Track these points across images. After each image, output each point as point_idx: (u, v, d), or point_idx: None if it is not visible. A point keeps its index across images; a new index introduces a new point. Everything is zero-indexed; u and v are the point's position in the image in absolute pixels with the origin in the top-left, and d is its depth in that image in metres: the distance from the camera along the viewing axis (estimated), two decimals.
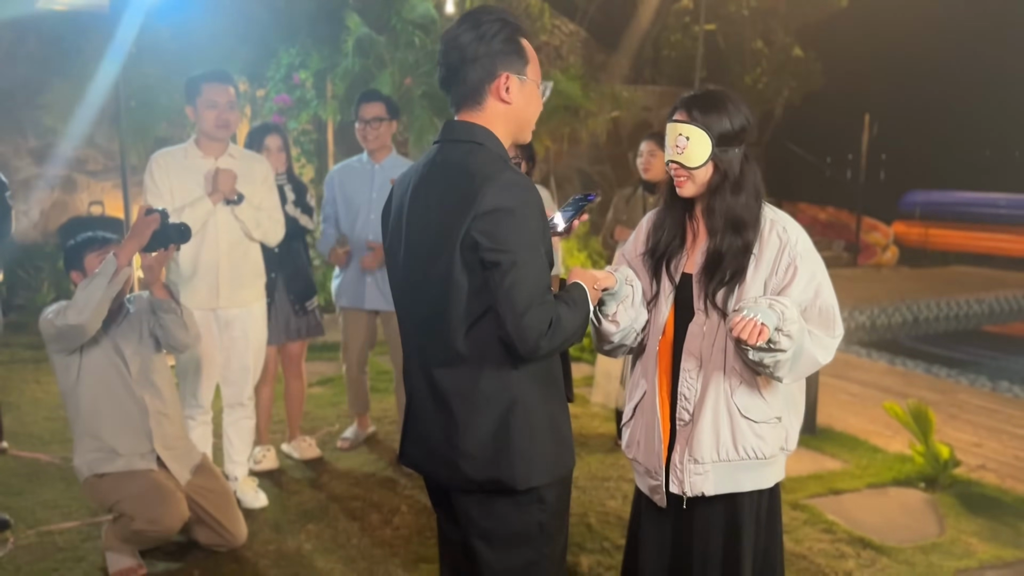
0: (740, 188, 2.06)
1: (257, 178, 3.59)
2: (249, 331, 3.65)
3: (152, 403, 2.96)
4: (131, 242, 2.77)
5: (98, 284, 2.67)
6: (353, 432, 4.51)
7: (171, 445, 3.01)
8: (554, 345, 1.76)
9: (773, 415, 2.10)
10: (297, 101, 7.37)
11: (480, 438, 1.81)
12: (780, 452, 2.14)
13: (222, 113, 3.42)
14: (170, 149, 3.55)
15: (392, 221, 1.95)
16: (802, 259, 2.05)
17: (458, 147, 1.85)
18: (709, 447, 2.08)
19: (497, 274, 1.71)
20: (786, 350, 1.94)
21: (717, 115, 2.04)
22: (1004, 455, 4.59)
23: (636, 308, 2.19)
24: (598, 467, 4.25)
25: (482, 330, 1.77)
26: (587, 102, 8.48)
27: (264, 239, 3.63)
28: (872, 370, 6.60)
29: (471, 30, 1.83)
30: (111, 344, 2.91)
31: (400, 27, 7.24)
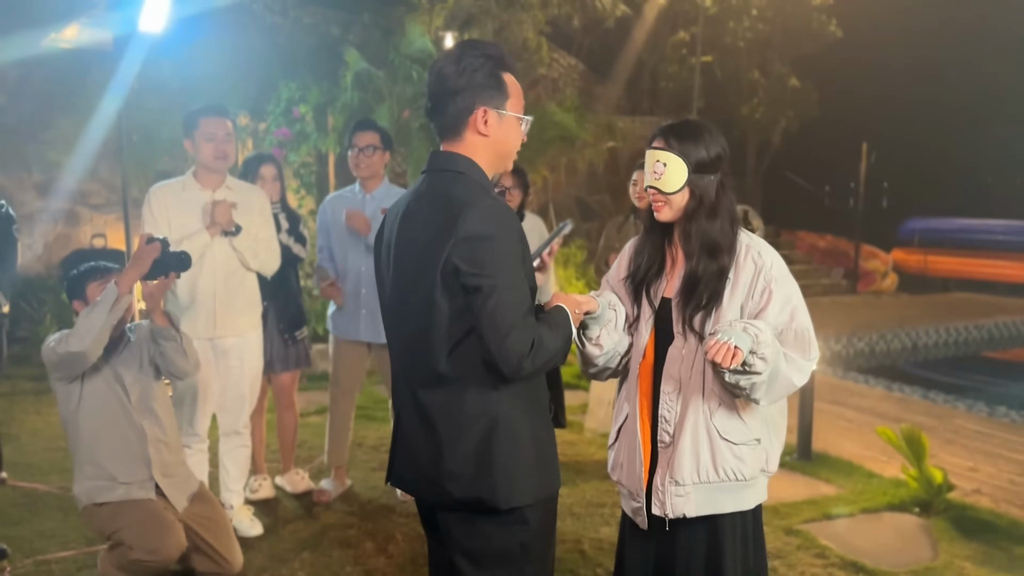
0: (715, 213, 2.11)
1: (254, 209, 3.66)
2: (245, 359, 3.69)
3: (151, 431, 2.98)
4: (132, 270, 2.81)
5: (99, 312, 2.71)
6: (331, 484, 4.25)
7: (169, 473, 3.03)
8: (537, 365, 1.82)
9: (752, 437, 2.13)
10: (297, 134, 7.48)
11: (463, 457, 1.86)
12: (761, 474, 2.17)
13: (220, 145, 3.49)
14: (168, 182, 3.62)
15: (383, 249, 2.03)
16: (777, 283, 2.10)
17: (442, 176, 1.93)
18: (690, 469, 2.11)
19: (479, 298, 1.76)
20: (761, 372, 1.98)
21: (693, 143, 2.11)
22: (999, 479, 4.59)
23: (619, 332, 2.25)
24: (592, 493, 4.26)
25: (464, 352, 1.83)
26: (583, 132, 8.58)
27: (261, 269, 3.69)
28: (869, 396, 6.61)
29: (454, 63, 1.91)
30: (112, 372, 2.95)
31: (398, 62, 7.37)
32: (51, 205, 8.36)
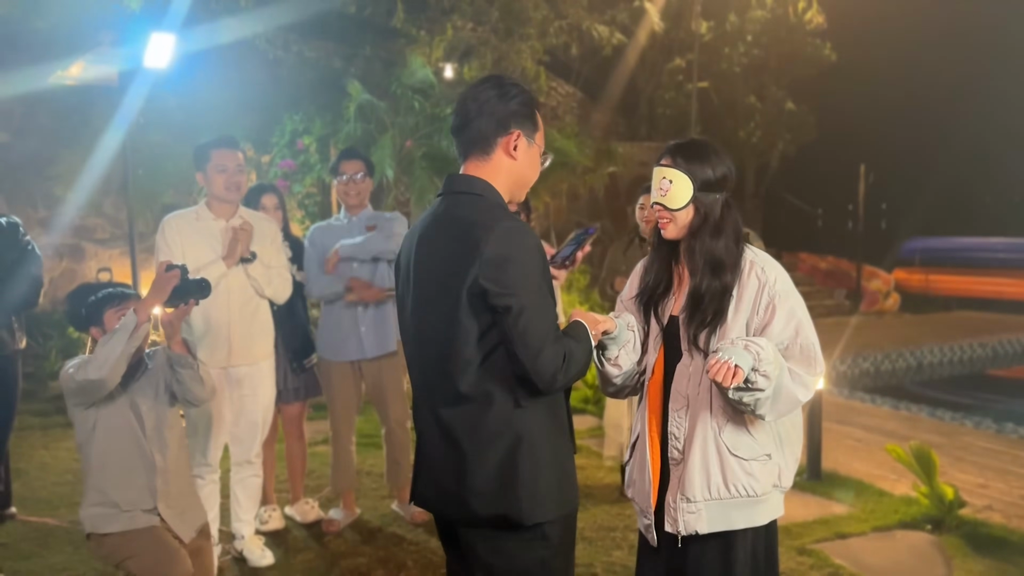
0: (720, 232, 2.15)
1: (266, 238, 3.71)
2: (258, 388, 3.70)
3: (160, 461, 2.96)
4: (152, 298, 2.81)
5: (118, 340, 2.70)
6: (339, 513, 4.24)
7: (173, 504, 2.97)
8: (569, 377, 1.88)
9: (762, 452, 2.14)
10: (301, 165, 7.55)
11: (487, 474, 1.88)
12: (774, 490, 2.17)
13: (231, 177, 3.54)
14: (181, 212, 3.66)
15: (401, 272, 2.08)
16: (780, 298, 2.12)
17: (459, 199, 1.97)
18: (700, 486, 2.12)
19: (509, 318, 1.81)
20: (764, 389, 2.00)
21: (700, 162, 2.15)
22: (1010, 495, 4.58)
23: (637, 352, 2.29)
24: (604, 517, 4.25)
25: (489, 370, 1.87)
26: (583, 159, 8.65)
27: (275, 297, 3.72)
28: (876, 415, 6.60)
29: (494, 88, 1.99)
30: (128, 400, 2.93)
31: (400, 92, 7.45)
32: (56, 240, 8.40)
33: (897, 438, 5.57)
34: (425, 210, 2.10)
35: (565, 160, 8.42)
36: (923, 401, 7.49)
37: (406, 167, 7.23)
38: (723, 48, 13.84)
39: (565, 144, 8.17)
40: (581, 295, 9.35)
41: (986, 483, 4.78)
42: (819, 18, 13.83)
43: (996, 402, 8.20)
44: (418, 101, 7.30)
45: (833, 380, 7.94)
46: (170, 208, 7.67)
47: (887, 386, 8.54)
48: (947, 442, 5.63)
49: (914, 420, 6.54)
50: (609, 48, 12.03)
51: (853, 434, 5.88)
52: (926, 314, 12.73)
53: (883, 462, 4.98)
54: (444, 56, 9.36)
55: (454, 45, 9.37)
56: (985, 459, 5.28)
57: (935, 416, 6.73)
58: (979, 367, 10.04)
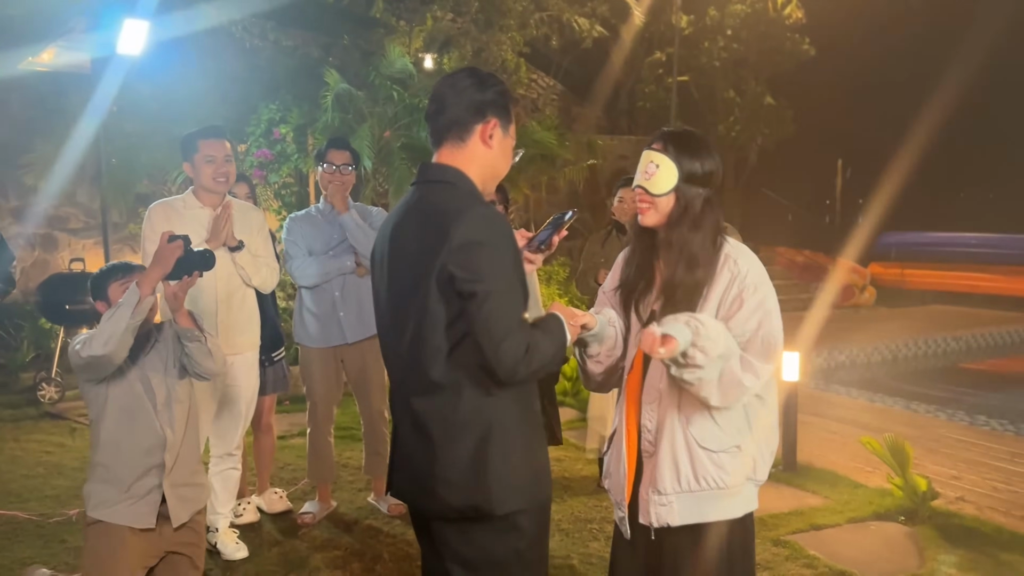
0: (698, 226, 2.13)
1: (253, 227, 3.68)
2: (241, 378, 3.67)
3: (171, 436, 2.86)
4: (155, 270, 2.70)
5: (122, 314, 2.62)
6: (315, 506, 4.18)
7: (179, 483, 2.85)
8: (532, 369, 1.84)
9: (731, 444, 2.12)
10: (278, 155, 7.48)
11: (458, 464, 1.87)
12: (747, 482, 2.16)
13: (220, 167, 3.50)
14: (168, 200, 3.62)
15: (376, 261, 2.06)
16: (749, 291, 2.10)
17: (433, 188, 1.96)
18: (670, 478, 2.12)
19: (474, 304, 1.79)
20: (702, 366, 1.98)
21: (690, 154, 2.14)
22: (982, 487, 4.63)
23: (619, 348, 2.28)
24: (582, 509, 4.26)
25: (459, 358, 1.85)
26: (563, 151, 8.64)
27: (261, 286, 3.69)
28: (852, 407, 6.66)
29: (471, 77, 1.98)
30: (138, 373, 2.85)
31: (379, 82, 7.40)
32: (28, 230, 8.28)
33: (872, 430, 5.62)
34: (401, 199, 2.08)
35: (545, 152, 8.41)
36: (898, 394, 7.56)
37: (385, 158, 7.18)
38: (703, 42, 13.87)
39: (545, 136, 8.15)
40: (560, 288, 9.35)
41: (959, 475, 4.84)
42: (798, 13, 13.90)
43: (969, 395, 8.29)
44: (397, 91, 7.26)
45: (810, 373, 8.00)
46: (144, 198, 7.63)
47: (862, 379, 8.62)
48: (921, 434, 5.68)
49: (889, 412, 6.60)
50: (589, 41, 12.04)
51: (828, 426, 5.92)
52: (901, 308, 12.85)
53: (858, 454, 5.02)
54: (423, 47, 9.32)
55: (434, 36, 9.33)
56: (958, 451, 5.34)
57: (909, 408, 6.80)
58: (953, 360, 10.16)
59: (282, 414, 5.94)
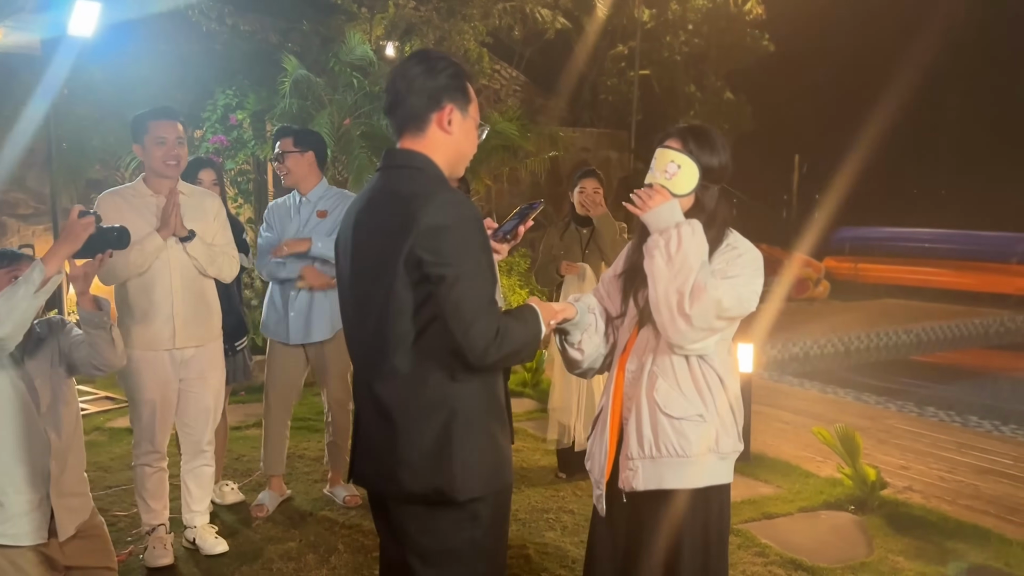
0: (712, 222, 2.19)
1: (209, 214, 3.55)
2: (207, 371, 3.56)
3: (56, 441, 2.62)
4: (63, 247, 2.49)
5: (23, 294, 2.38)
6: (269, 497, 4.14)
7: (66, 492, 2.64)
8: (503, 353, 1.83)
9: (694, 412, 2.16)
10: (234, 141, 7.35)
11: (421, 448, 1.86)
12: (710, 453, 2.18)
13: (171, 149, 3.37)
14: (118, 188, 3.50)
15: (340, 247, 2.04)
16: (732, 263, 2.16)
17: (398, 173, 1.94)
18: (635, 443, 2.17)
19: (443, 288, 1.78)
20: (686, 240, 2.09)
21: (710, 150, 2.19)
22: (929, 476, 4.75)
23: (600, 335, 2.32)
24: (538, 499, 4.27)
25: (425, 343, 1.84)
26: (525, 142, 8.63)
27: (219, 275, 3.57)
28: (805, 398, 6.78)
29: (421, 63, 1.94)
30: (19, 372, 2.58)
31: (338, 69, 7.30)
32: None
33: (824, 421, 5.72)
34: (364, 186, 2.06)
35: (507, 143, 8.38)
36: (850, 385, 7.72)
37: (344, 146, 7.10)
38: (664, 36, 13.95)
39: (507, 127, 8.11)
40: (521, 279, 9.35)
41: (907, 465, 4.95)
42: (758, 9, 14.04)
43: (919, 387, 8.50)
44: (357, 78, 7.17)
45: (764, 364, 8.12)
46: (96, 184, 7.45)
47: (816, 370, 8.78)
48: (871, 425, 5.80)
49: (841, 403, 6.73)
50: (552, 32, 12.03)
51: (782, 417, 6.02)
52: (855, 301, 13.10)
53: (810, 444, 5.11)
54: (385, 34, 9.22)
55: (395, 23, 9.23)
56: (907, 441, 5.46)
57: (861, 400, 6.94)
58: (904, 353, 10.40)
59: (237, 404, 5.87)
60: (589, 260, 4.49)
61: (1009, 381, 9.66)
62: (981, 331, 11.42)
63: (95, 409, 5.87)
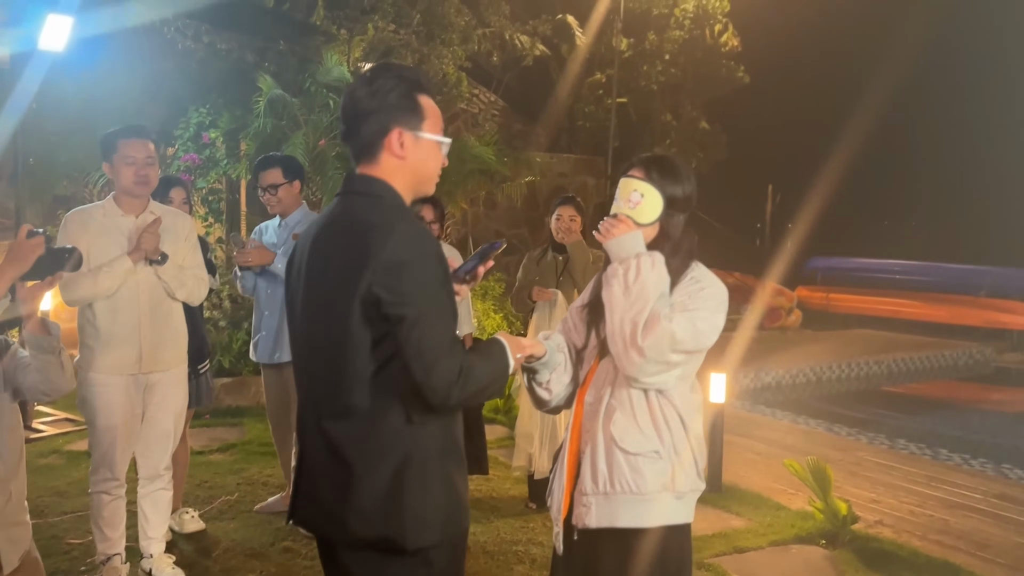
0: (677, 251, 2.17)
1: (180, 235, 3.48)
2: (169, 395, 3.48)
3: (2, 470, 2.49)
4: (10, 269, 2.38)
5: None
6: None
7: (9, 522, 2.52)
8: (466, 393, 1.75)
9: (650, 448, 2.10)
10: (206, 160, 7.26)
11: (372, 493, 1.77)
12: (665, 491, 2.11)
13: (140, 169, 3.30)
14: (86, 207, 3.42)
15: (293, 272, 1.95)
16: (693, 296, 2.12)
17: (356, 200, 1.87)
18: (590, 478, 2.12)
19: (404, 328, 1.70)
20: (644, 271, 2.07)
21: (673, 179, 2.16)
22: (900, 510, 4.73)
23: (569, 374, 2.27)
24: (508, 531, 4.19)
25: (381, 382, 1.76)
26: (502, 167, 8.63)
27: (188, 299, 3.50)
28: (777, 429, 6.77)
29: (366, 85, 1.86)
30: None
31: (314, 89, 7.27)
32: None
33: (796, 452, 5.71)
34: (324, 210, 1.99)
35: (484, 168, 8.37)
36: (821, 416, 7.73)
37: (319, 166, 7.04)
38: (642, 65, 14.08)
39: (483, 152, 8.11)
40: (496, 303, 9.30)
41: (878, 498, 4.94)
42: (734, 41, 14.23)
43: (890, 418, 8.54)
44: (333, 99, 7.13)
45: (737, 394, 8.12)
46: (63, 200, 7.32)
47: (787, 400, 8.80)
48: (843, 457, 5.80)
49: (812, 434, 6.73)
50: (531, 58, 12.09)
51: (754, 447, 6.00)
52: (826, 331, 13.19)
53: (781, 476, 5.09)
54: (363, 56, 9.20)
55: (374, 45, 9.22)
56: (878, 474, 5.46)
57: (832, 431, 6.95)
58: (875, 384, 10.45)
59: (202, 428, 5.75)
60: (563, 287, 4.46)
61: (978, 413, 9.75)
62: (951, 363, 11.52)
63: (53, 431, 5.71)
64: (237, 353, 6.58)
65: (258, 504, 4.43)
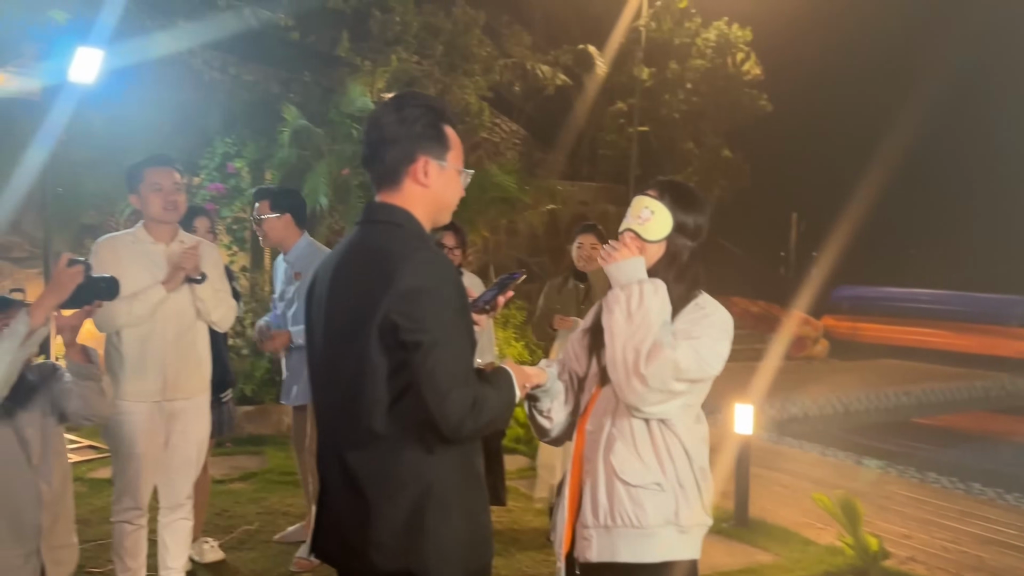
0: (682, 278, 2.13)
1: (207, 263, 3.49)
2: (192, 423, 3.46)
3: (47, 493, 2.57)
4: (50, 297, 2.43)
5: (7, 347, 2.33)
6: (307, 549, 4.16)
7: (56, 544, 2.60)
8: (479, 424, 1.73)
9: (651, 480, 2.04)
10: (231, 189, 7.35)
11: (392, 526, 1.74)
12: (668, 526, 2.05)
13: (168, 196, 3.33)
14: (116, 235, 3.45)
15: (314, 302, 1.94)
16: (697, 323, 2.08)
17: (377, 228, 1.87)
18: (591, 511, 2.07)
19: (418, 355, 1.68)
20: (648, 297, 2.03)
21: (685, 205, 2.14)
22: (933, 546, 4.60)
23: (570, 404, 2.24)
24: (529, 564, 4.12)
25: (400, 412, 1.74)
26: (523, 195, 8.65)
27: (221, 322, 3.53)
28: (804, 461, 6.64)
29: (393, 112, 1.86)
30: (10, 422, 2.52)
31: (338, 120, 7.35)
32: None
33: (824, 485, 5.58)
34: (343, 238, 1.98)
35: (505, 196, 8.40)
36: (850, 448, 7.56)
37: (342, 195, 7.10)
38: (664, 94, 14.13)
39: (505, 180, 8.14)
40: (516, 332, 9.26)
41: (909, 533, 4.81)
42: (756, 70, 14.25)
43: (920, 450, 8.34)
44: (356, 129, 7.20)
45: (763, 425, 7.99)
46: (89, 229, 7.41)
47: (815, 431, 8.63)
48: (872, 491, 5.66)
49: (840, 467, 6.59)
50: (552, 88, 12.18)
51: (781, 480, 5.88)
52: (854, 361, 13.00)
53: (809, 510, 4.97)
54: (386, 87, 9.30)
55: (397, 76, 9.32)
56: (909, 509, 5.32)
57: (861, 464, 6.80)
58: (904, 415, 10.24)
59: (223, 456, 5.73)
60: (584, 315, 4.42)
61: (1011, 446, 9.51)
62: (982, 394, 11.28)
63: (78, 459, 5.72)
64: (259, 381, 6.59)
65: (278, 534, 4.39)
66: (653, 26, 13.71)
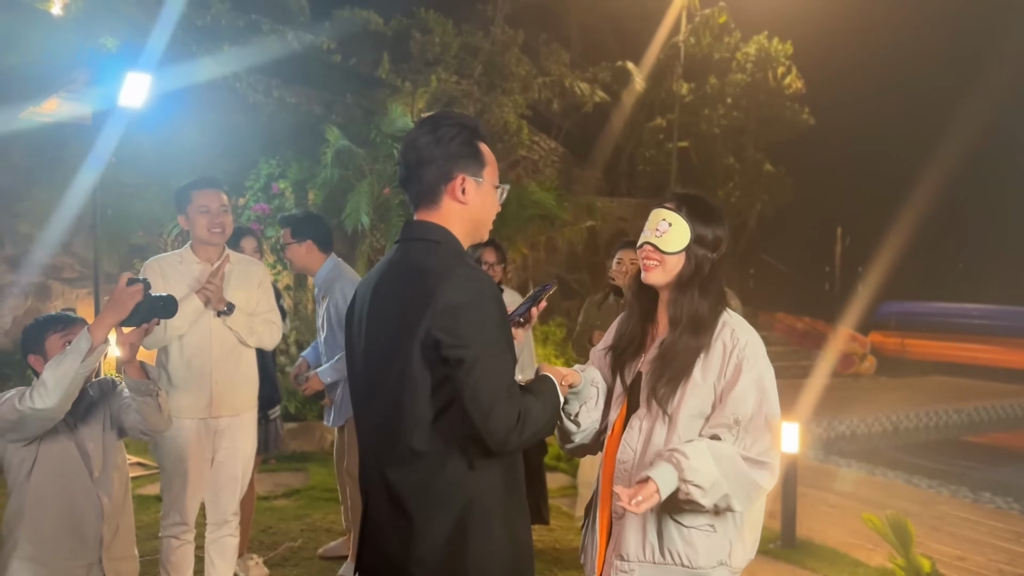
0: (707, 290, 2.08)
1: (254, 281, 3.56)
2: (239, 441, 3.50)
3: (108, 505, 2.64)
4: (110, 315, 2.47)
5: (70, 364, 2.37)
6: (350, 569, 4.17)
7: (117, 556, 2.67)
8: (525, 437, 1.74)
9: (705, 522, 2.00)
10: (276, 210, 7.47)
11: (434, 543, 1.74)
12: (720, 567, 2.01)
13: (215, 218, 3.39)
14: (165, 255, 3.53)
15: (354, 320, 1.96)
16: (748, 362, 2.02)
17: (416, 246, 1.88)
18: (635, 545, 2.02)
19: (461, 371, 1.70)
20: (701, 501, 1.90)
21: (703, 217, 2.11)
22: (988, 568, 4.46)
23: (599, 411, 2.20)
24: None
25: (442, 427, 1.74)
26: (562, 211, 8.65)
27: (260, 344, 3.55)
28: (852, 480, 6.49)
29: (429, 132, 1.88)
30: (72, 436, 2.61)
31: (379, 140, 7.44)
32: (22, 279, 8.19)
33: (873, 505, 5.45)
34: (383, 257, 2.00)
35: (544, 213, 8.41)
36: (899, 467, 7.39)
37: (383, 214, 7.17)
38: (703, 109, 14.03)
39: (543, 197, 8.16)
40: (557, 349, 9.24)
41: (963, 555, 4.66)
42: (798, 83, 14.09)
43: (973, 470, 8.11)
44: (397, 149, 7.27)
45: (809, 443, 7.84)
46: (138, 250, 7.58)
47: (863, 450, 8.45)
48: (923, 511, 5.51)
49: (890, 486, 6.43)
50: (591, 105, 12.19)
51: (828, 499, 5.76)
52: (902, 378, 12.71)
53: (858, 530, 4.85)
54: (426, 107, 9.41)
55: (437, 96, 9.42)
56: (962, 530, 5.17)
57: (911, 483, 6.63)
58: (955, 433, 9.97)
59: (267, 473, 5.80)
60: None
61: None
62: None
63: None
64: (303, 398, 6.66)
65: (321, 548, 4.41)
66: (692, 41, 13.65)
